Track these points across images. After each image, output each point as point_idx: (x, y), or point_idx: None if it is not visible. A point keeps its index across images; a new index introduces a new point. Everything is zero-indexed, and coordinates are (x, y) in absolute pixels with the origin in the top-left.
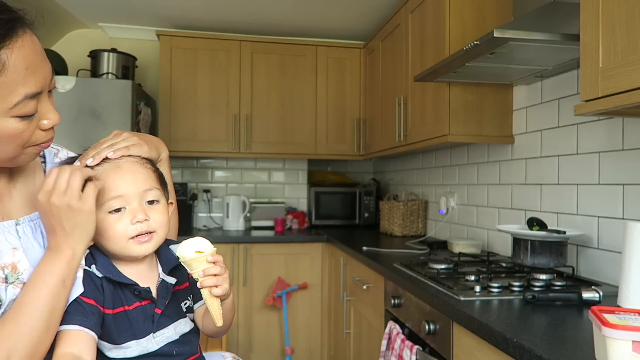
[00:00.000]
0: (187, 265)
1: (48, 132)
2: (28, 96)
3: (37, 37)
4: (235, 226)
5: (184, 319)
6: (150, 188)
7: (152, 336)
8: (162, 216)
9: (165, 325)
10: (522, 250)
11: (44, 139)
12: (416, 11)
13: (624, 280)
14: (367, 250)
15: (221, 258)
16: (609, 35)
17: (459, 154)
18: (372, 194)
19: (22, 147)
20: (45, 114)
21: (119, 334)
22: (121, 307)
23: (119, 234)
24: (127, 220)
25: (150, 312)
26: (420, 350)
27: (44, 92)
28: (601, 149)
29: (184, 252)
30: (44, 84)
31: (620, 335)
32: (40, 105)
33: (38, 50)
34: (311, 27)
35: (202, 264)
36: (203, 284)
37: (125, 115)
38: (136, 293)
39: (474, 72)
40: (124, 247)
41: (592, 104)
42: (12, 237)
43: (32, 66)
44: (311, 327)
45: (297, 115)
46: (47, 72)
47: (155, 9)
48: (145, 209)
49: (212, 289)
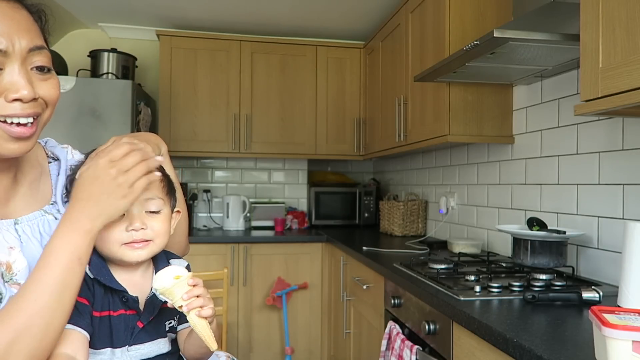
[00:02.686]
0: (167, 294)
1: (14, 105)
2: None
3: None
4: (235, 226)
5: (164, 339)
6: (153, 197)
7: (126, 349)
8: (162, 225)
9: (142, 341)
10: (522, 250)
11: (9, 111)
12: (416, 11)
13: (624, 280)
14: (367, 250)
15: (201, 281)
16: (609, 35)
17: (459, 154)
18: (372, 194)
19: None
20: (13, 84)
21: (99, 339)
22: (107, 311)
23: (113, 239)
24: (123, 227)
25: (131, 324)
26: (420, 350)
27: (14, 59)
28: (601, 149)
29: (162, 281)
30: (9, 45)
31: (620, 335)
32: (9, 73)
33: (14, 17)
34: (311, 27)
35: (183, 288)
36: (190, 306)
37: (125, 115)
38: (124, 300)
39: (474, 72)
40: (117, 252)
41: (592, 104)
42: (10, 236)
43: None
44: (311, 327)
45: (297, 115)
46: (19, 40)
47: (155, 9)
48: (144, 217)
49: (201, 311)
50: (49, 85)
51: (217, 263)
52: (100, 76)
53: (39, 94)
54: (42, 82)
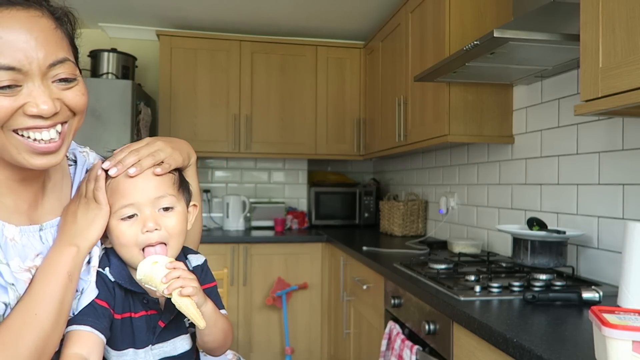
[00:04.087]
0: (149, 281)
1: (35, 120)
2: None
3: (56, 25)
4: (235, 226)
5: (185, 335)
6: (164, 195)
7: (150, 348)
8: (177, 224)
9: (165, 339)
10: (522, 250)
11: (28, 124)
12: (416, 11)
13: (624, 280)
14: (367, 250)
15: (181, 264)
16: (609, 35)
17: (459, 154)
18: (372, 194)
19: (1, 129)
20: (34, 98)
21: (122, 340)
22: (128, 313)
23: (131, 242)
24: (138, 229)
25: (153, 324)
26: (420, 350)
27: (33, 75)
28: (601, 149)
29: (142, 268)
30: (25, 63)
31: (620, 335)
32: (27, 89)
33: (32, 29)
34: (311, 27)
35: (162, 272)
36: (171, 287)
37: (125, 115)
38: (144, 302)
39: (474, 72)
40: (135, 256)
41: (592, 104)
42: (37, 242)
43: (10, 39)
44: (311, 327)
45: (297, 116)
46: (37, 56)
47: (155, 9)
48: (158, 216)
49: (182, 290)
50: (74, 92)
51: (217, 263)
52: (100, 76)
53: (64, 103)
54: (67, 91)
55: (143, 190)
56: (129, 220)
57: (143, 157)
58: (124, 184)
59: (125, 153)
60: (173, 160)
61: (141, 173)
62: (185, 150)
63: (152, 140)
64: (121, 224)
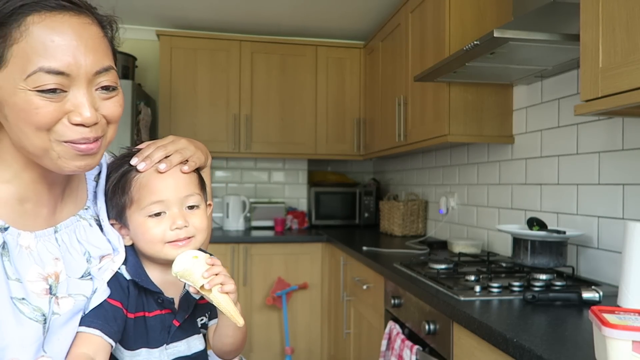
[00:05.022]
0: (187, 276)
1: (79, 130)
2: (44, 69)
3: (103, 34)
4: (235, 226)
5: (198, 335)
6: (192, 194)
7: (164, 347)
8: (202, 221)
9: (179, 338)
10: (522, 250)
11: (73, 136)
12: (416, 11)
13: (624, 280)
14: (367, 250)
15: (219, 260)
16: (609, 35)
17: (459, 154)
18: (372, 194)
19: (46, 133)
20: (76, 106)
21: (135, 340)
22: (141, 312)
23: (157, 239)
24: (166, 226)
25: (167, 323)
26: (420, 350)
27: (79, 82)
28: (601, 149)
29: (182, 263)
30: (73, 68)
31: (620, 335)
32: (73, 95)
33: (82, 35)
34: (311, 27)
35: (202, 267)
36: (212, 283)
37: (126, 115)
38: (159, 301)
39: (474, 72)
40: (160, 251)
41: (592, 104)
42: (52, 247)
43: (60, 44)
44: (311, 327)
45: (297, 115)
46: (85, 62)
47: (155, 9)
48: (185, 214)
49: (223, 287)
50: (113, 103)
51: None
52: None
53: (102, 113)
54: (106, 101)
55: (173, 188)
56: (156, 217)
57: (170, 152)
58: (154, 181)
59: (152, 149)
60: (197, 159)
61: (170, 169)
62: (204, 151)
63: (177, 138)
64: (148, 221)
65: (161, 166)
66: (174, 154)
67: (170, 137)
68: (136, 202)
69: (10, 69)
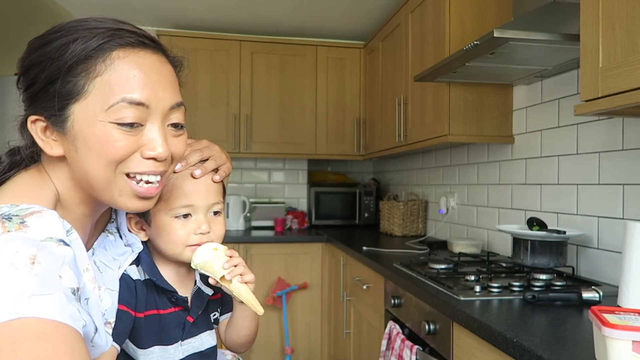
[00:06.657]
0: (208, 267)
1: (148, 163)
2: (126, 100)
3: (175, 72)
4: (235, 226)
5: (211, 331)
6: (218, 202)
7: (179, 344)
8: (222, 229)
9: (193, 334)
10: (522, 250)
11: (142, 168)
12: (416, 11)
13: (624, 280)
14: (367, 250)
15: (237, 253)
16: (609, 35)
17: (459, 154)
18: (372, 194)
19: (115, 166)
20: (151, 141)
21: (147, 338)
22: (154, 310)
23: (180, 240)
24: (191, 229)
25: (182, 320)
26: (420, 350)
27: (155, 116)
28: (601, 149)
29: (203, 254)
30: (153, 101)
31: (620, 335)
32: (148, 130)
33: (161, 72)
34: (311, 27)
35: (223, 258)
36: (233, 273)
37: None
38: (173, 300)
39: (474, 72)
40: (181, 253)
41: (592, 104)
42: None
43: (142, 77)
44: (311, 327)
45: (297, 115)
46: (163, 97)
47: (155, 9)
48: (210, 220)
49: (243, 277)
50: (180, 141)
51: None
52: None
53: (170, 150)
54: (175, 138)
55: (204, 194)
56: (182, 219)
57: (206, 157)
58: (188, 185)
59: (189, 150)
60: (227, 168)
61: (205, 175)
62: (230, 160)
63: (211, 144)
64: (175, 222)
65: (197, 172)
66: (210, 160)
67: (204, 142)
68: (165, 202)
69: (90, 100)
